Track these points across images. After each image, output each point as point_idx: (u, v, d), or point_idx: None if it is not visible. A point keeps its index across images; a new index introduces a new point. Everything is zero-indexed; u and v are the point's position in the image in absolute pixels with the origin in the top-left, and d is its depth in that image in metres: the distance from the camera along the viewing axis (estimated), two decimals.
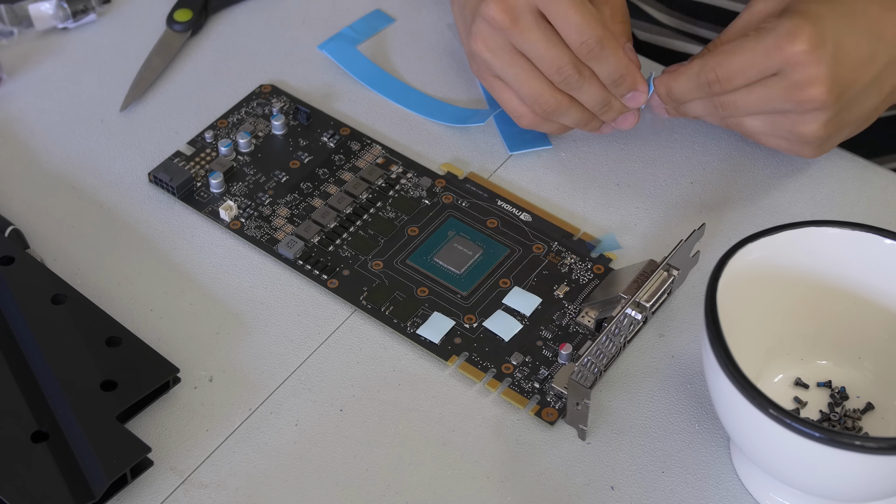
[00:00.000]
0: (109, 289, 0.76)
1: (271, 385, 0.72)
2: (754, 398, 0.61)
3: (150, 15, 0.91)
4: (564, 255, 0.77)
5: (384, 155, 0.83)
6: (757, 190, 0.81)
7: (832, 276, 0.68)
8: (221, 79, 0.88)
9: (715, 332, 0.63)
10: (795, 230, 0.67)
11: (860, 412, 0.69)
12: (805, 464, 0.62)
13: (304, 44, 0.90)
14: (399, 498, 0.67)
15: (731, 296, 0.65)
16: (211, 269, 0.77)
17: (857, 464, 0.60)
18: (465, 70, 0.88)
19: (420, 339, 0.73)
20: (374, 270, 0.76)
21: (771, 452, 0.63)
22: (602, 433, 0.70)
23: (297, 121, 0.85)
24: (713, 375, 0.63)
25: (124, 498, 0.67)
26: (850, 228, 0.67)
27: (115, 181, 0.82)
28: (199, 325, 0.74)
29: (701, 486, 0.68)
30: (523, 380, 0.72)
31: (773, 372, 0.70)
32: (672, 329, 0.74)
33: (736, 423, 0.63)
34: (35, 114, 0.86)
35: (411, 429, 0.70)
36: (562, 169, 0.82)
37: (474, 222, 0.79)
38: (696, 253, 0.76)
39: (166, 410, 0.71)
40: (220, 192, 0.80)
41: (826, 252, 0.68)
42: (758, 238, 0.67)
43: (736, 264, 0.66)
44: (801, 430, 0.60)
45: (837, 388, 0.70)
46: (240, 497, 0.68)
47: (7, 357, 0.70)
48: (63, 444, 0.67)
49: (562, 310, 0.75)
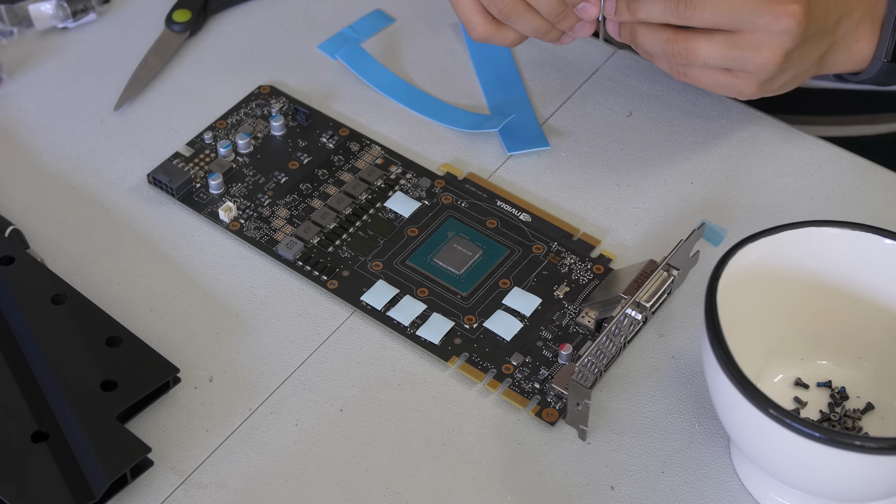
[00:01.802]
0: (109, 289, 0.76)
1: (271, 385, 0.72)
2: (754, 398, 0.61)
3: (150, 15, 0.91)
4: (564, 255, 0.77)
5: (383, 155, 0.83)
6: (757, 190, 0.81)
7: (832, 276, 0.68)
8: (220, 79, 0.88)
9: (715, 333, 0.63)
10: (795, 230, 0.67)
11: (860, 412, 0.69)
12: (805, 464, 0.62)
13: (303, 44, 0.90)
14: (399, 498, 0.67)
15: (731, 296, 0.65)
16: (211, 269, 0.77)
17: (857, 464, 0.60)
18: (466, 70, 0.88)
19: (420, 339, 0.73)
20: (374, 271, 0.76)
21: (771, 452, 0.63)
22: (602, 433, 0.70)
23: (296, 122, 0.85)
24: (713, 375, 0.63)
25: (124, 498, 0.67)
26: (850, 228, 0.67)
27: (114, 181, 0.82)
28: (199, 326, 0.74)
29: (701, 486, 0.68)
30: (523, 380, 0.72)
31: (774, 372, 0.70)
32: (672, 329, 0.74)
33: (736, 424, 0.64)
34: (35, 114, 0.86)
35: (411, 429, 0.70)
36: (561, 169, 0.82)
37: (474, 223, 0.79)
38: (696, 253, 0.76)
39: (166, 410, 0.71)
40: (220, 194, 0.80)
41: (826, 252, 0.68)
42: (758, 238, 0.67)
43: (736, 264, 0.66)
44: (801, 430, 0.60)
45: (837, 388, 0.70)
46: (240, 497, 0.68)
47: (7, 357, 0.70)
48: (63, 445, 0.67)
49: (562, 310, 0.75)
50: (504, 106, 0.85)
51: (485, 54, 0.89)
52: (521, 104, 0.86)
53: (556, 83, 0.87)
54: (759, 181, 0.81)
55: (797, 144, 0.83)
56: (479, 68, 0.88)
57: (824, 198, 0.80)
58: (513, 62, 0.88)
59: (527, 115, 0.85)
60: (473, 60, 0.88)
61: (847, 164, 0.82)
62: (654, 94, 0.86)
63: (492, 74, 0.88)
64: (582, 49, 0.89)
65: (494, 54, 0.89)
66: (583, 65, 0.88)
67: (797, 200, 0.80)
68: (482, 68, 0.88)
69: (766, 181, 0.81)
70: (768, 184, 0.81)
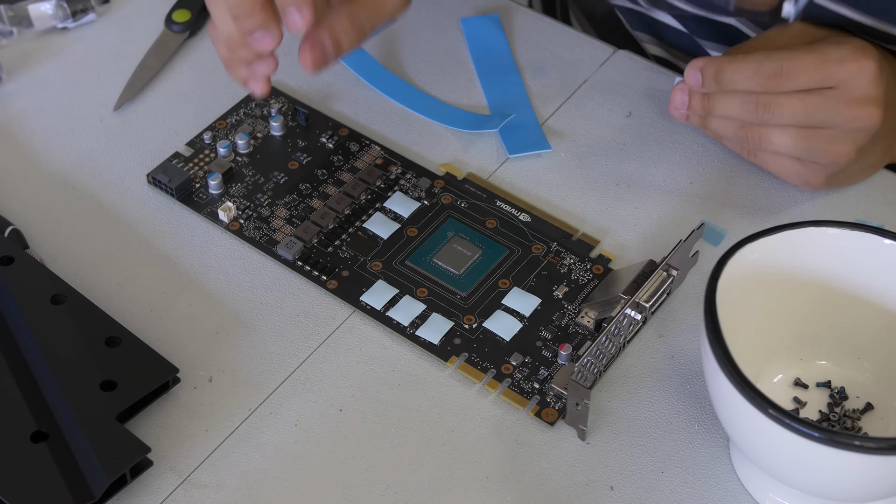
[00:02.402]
0: (109, 289, 0.76)
1: (271, 385, 0.72)
2: (754, 398, 0.61)
3: (150, 15, 0.91)
4: (564, 255, 0.77)
5: (383, 156, 0.83)
6: (757, 190, 0.81)
7: (832, 276, 0.68)
8: (220, 79, 0.88)
9: (714, 333, 0.63)
10: (795, 230, 0.67)
11: (860, 412, 0.69)
12: (805, 464, 0.62)
13: None
14: (399, 498, 0.67)
15: (730, 296, 0.65)
16: (210, 269, 0.77)
17: (857, 464, 0.60)
18: (466, 70, 0.88)
19: (419, 339, 0.73)
20: (374, 271, 0.76)
21: (770, 453, 0.63)
22: (602, 433, 0.70)
23: (295, 122, 0.85)
24: (713, 376, 0.63)
25: (124, 498, 0.67)
26: (850, 228, 0.67)
27: (114, 181, 0.82)
28: (198, 326, 0.74)
29: (701, 486, 0.68)
30: (523, 380, 0.72)
31: (773, 372, 0.70)
32: (672, 329, 0.74)
33: (736, 424, 0.63)
34: (35, 114, 0.86)
35: (411, 429, 0.70)
36: (561, 169, 0.82)
37: (473, 223, 0.79)
38: (696, 253, 0.76)
39: (166, 410, 0.71)
40: (219, 194, 0.80)
41: (826, 252, 0.68)
42: (757, 238, 0.67)
43: (735, 264, 0.66)
44: (800, 430, 0.60)
45: (837, 388, 0.70)
46: (240, 497, 0.68)
47: (7, 357, 0.70)
48: (63, 444, 0.67)
49: (561, 310, 0.75)
50: (504, 106, 0.85)
51: (485, 54, 0.89)
52: (522, 104, 0.86)
53: (556, 83, 0.87)
54: (759, 181, 0.81)
55: None
56: (480, 68, 0.88)
57: (824, 198, 0.80)
58: (513, 62, 0.88)
59: (527, 115, 0.85)
60: (474, 60, 0.88)
61: None
62: (654, 94, 0.86)
63: (492, 74, 0.88)
64: (582, 49, 0.89)
65: (495, 54, 0.89)
66: (583, 65, 0.88)
67: (797, 200, 0.80)
68: (482, 68, 0.88)
69: (766, 181, 0.81)
70: (768, 184, 0.81)
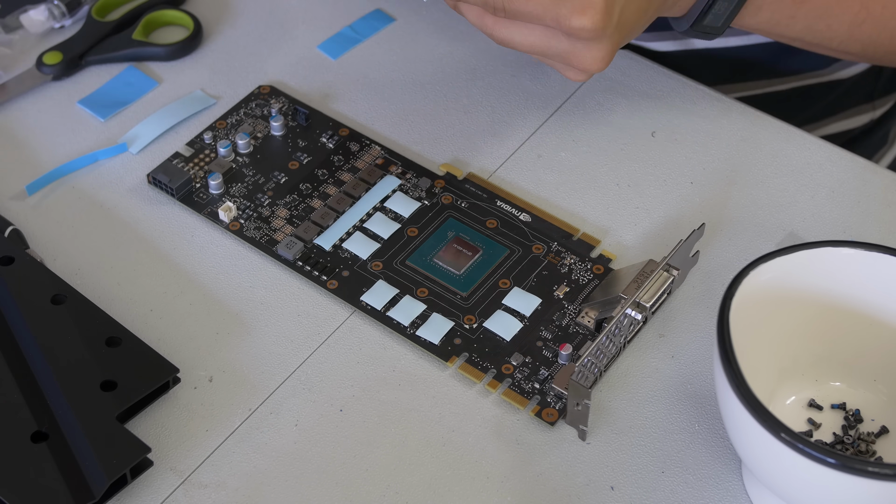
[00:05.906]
0: (109, 289, 0.76)
1: (271, 385, 0.72)
2: (766, 421, 0.59)
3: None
4: (564, 255, 0.77)
5: (383, 156, 0.83)
6: (757, 190, 0.81)
7: (847, 297, 0.67)
8: (220, 79, 0.88)
9: (727, 354, 0.62)
10: (809, 250, 0.66)
11: (874, 435, 0.68)
12: (817, 489, 0.60)
13: (303, 44, 0.90)
14: (399, 498, 0.67)
15: (743, 316, 0.64)
16: (211, 269, 0.77)
17: (871, 490, 0.58)
18: (466, 70, 0.88)
19: (420, 339, 0.73)
20: (374, 271, 0.76)
21: (783, 477, 0.61)
22: (602, 433, 0.70)
23: (295, 122, 0.85)
24: (725, 397, 0.62)
25: (124, 498, 0.67)
26: (866, 249, 0.66)
27: (114, 181, 0.82)
28: (198, 326, 0.74)
29: (701, 487, 0.68)
30: (523, 380, 0.72)
31: (787, 393, 0.69)
32: (672, 329, 0.74)
33: (747, 446, 0.62)
34: (35, 114, 0.86)
35: (411, 429, 0.70)
36: (561, 169, 0.82)
37: (474, 223, 0.79)
38: (696, 253, 0.76)
39: (166, 410, 0.71)
40: (220, 194, 0.80)
41: (841, 273, 0.67)
42: (771, 258, 0.66)
43: (749, 284, 0.65)
44: (813, 454, 0.58)
45: (852, 410, 0.69)
46: (240, 497, 0.68)
47: (7, 357, 0.70)
48: (63, 445, 0.67)
49: (562, 310, 0.75)
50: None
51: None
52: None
53: (556, 83, 0.87)
54: (759, 181, 0.81)
55: (797, 144, 0.83)
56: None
57: (824, 198, 0.80)
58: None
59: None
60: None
61: (847, 164, 0.82)
62: (654, 94, 0.86)
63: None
64: None
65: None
66: None
67: (797, 200, 0.80)
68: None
69: (766, 181, 0.81)
70: (768, 184, 0.81)
